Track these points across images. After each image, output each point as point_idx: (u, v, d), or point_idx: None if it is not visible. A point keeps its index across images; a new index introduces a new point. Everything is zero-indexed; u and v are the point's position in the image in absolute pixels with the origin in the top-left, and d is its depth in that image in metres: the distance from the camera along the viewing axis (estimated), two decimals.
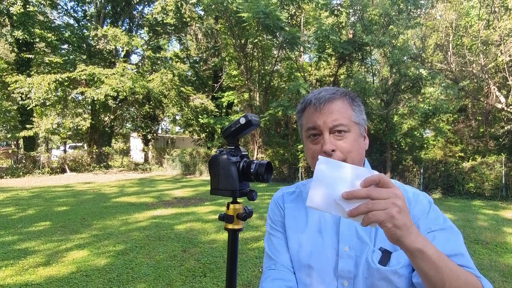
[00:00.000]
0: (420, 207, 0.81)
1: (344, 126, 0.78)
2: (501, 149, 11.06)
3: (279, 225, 0.93)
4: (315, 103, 0.80)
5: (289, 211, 0.93)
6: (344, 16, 12.49)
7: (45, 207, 7.21)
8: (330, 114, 0.78)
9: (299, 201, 0.93)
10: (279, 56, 14.77)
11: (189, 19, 18.09)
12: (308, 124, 0.82)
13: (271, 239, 0.93)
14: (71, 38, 17.26)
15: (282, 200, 0.96)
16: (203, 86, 20.61)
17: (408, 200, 0.82)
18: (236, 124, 0.82)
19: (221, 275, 3.54)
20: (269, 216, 0.98)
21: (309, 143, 0.83)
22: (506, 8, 10.23)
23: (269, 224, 0.96)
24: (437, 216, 0.80)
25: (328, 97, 0.80)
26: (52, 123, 15.17)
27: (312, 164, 0.80)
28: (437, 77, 10.29)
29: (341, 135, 0.79)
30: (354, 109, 0.82)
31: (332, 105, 0.80)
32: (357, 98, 0.85)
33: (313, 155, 0.81)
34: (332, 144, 0.77)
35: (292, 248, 0.88)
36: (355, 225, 0.82)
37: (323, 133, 0.79)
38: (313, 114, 0.81)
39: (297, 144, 13.76)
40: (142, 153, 21.73)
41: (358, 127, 0.82)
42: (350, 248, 0.80)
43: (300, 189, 0.97)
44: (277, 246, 0.90)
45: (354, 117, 0.81)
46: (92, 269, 3.67)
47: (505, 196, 9.31)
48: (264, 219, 6.16)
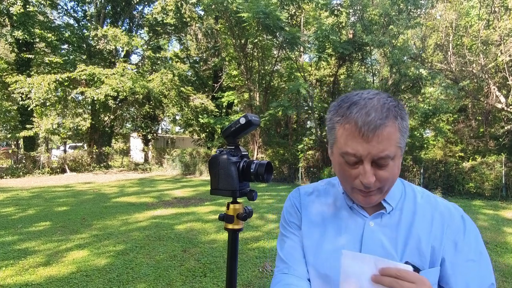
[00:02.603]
0: (454, 225, 0.76)
1: (389, 157, 0.68)
2: (501, 149, 11.06)
3: (294, 228, 0.87)
4: (361, 128, 0.66)
5: (306, 214, 0.86)
6: (344, 16, 12.49)
7: (45, 207, 7.21)
8: (377, 144, 0.66)
9: (318, 204, 0.87)
10: (279, 56, 14.77)
11: (189, 19, 18.09)
12: (346, 148, 0.69)
13: (284, 241, 0.87)
14: (71, 38, 17.26)
15: (299, 201, 0.89)
16: (203, 86, 20.61)
17: (441, 217, 0.76)
18: (236, 124, 0.83)
19: (221, 275, 3.54)
20: (284, 216, 0.91)
21: (343, 164, 0.72)
22: (506, 8, 10.23)
23: (283, 225, 0.90)
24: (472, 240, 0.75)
25: (378, 123, 0.66)
26: (52, 123, 15.17)
27: (343, 183, 0.75)
28: (437, 77, 10.29)
29: (384, 165, 0.69)
30: (403, 131, 0.70)
31: (382, 133, 0.66)
32: (405, 113, 0.72)
33: (345, 177, 0.73)
34: (373, 176, 0.69)
35: (308, 254, 0.82)
36: (380, 235, 0.76)
37: (364, 162, 0.69)
38: (356, 140, 0.68)
39: (297, 144, 13.76)
40: (142, 153, 21.73)
41: (401, 150, 0.71)
42: None
43: (318, 189, 0.90)
44: (290, 250, 0.85)
45: (401, 141, 0.70)
46: (92, 269, 3.67)
47: (505, 196, 9.31)
48: (264, 219, 6.16)
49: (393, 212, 0.78)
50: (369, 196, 0.72)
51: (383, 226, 0.77)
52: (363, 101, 0.69)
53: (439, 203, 0.79)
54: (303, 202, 0.88)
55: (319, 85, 16.24)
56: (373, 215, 0.78)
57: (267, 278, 3.50)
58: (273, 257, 4.10)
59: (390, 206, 0.77)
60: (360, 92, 0.73)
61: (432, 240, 0.74)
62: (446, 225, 0.75)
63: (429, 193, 0.82)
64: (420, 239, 0.74)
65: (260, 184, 9.81)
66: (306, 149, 13.44)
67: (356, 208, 0.79)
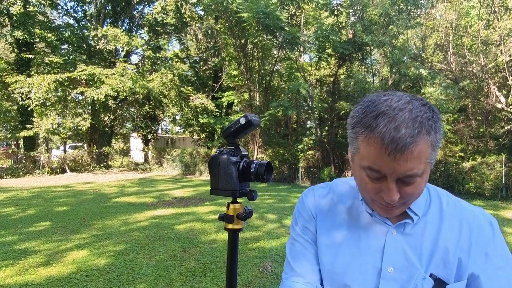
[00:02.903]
0: (483, 235, 0.70)
1: (417, 175, 0.61)
2: (501, 149, 11.06)
3: (306, 233, 0.81)
4: (387, 145, 0.58)
5: (322, 219, 0.80)
6: (344, 16, 12.49)
7: (45, 207, 7.21)
8: (404, 163, 0.59)
9: (334, 207, 0.80)
10: (279, 56, 14.77)
11: (189, 19, 18.09)
12: (368, 163, 0.63)
13: (294, 246, 0.82)
14: (71, 38, 17.26)
15: (314, 205, 0.82)
16: (203, 86, 20.62)
17: (469, 225, 0.71)
18: (236, 124, 0.82)
19: (221, 275, 3.54)
20: (295, 219, 0.85)
21: (365, 176, 0.66)
22: (506, 8, 10.23)
23: (293, 228, 0.84)
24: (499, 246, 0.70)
25: (408, 142, 0.57)
26: (52, 123, 15.17)
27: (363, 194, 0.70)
28: (437, 77, 10.29)
29: (410, 182, 0.62)
30: (435, 145, 0.62)
31: (412, 152, 0.58)
32: (440, 125, 0.63)
33: (365, 189, 0.67)
34: (397, 193, 0.63)
35: (324, 262, 0.77)
36: (403, 244, 0.70)
37: (388, 179, 0.62)
38: (381, 158, 0.60)
39: (297, 144, 13.76)
40: (142, 153, 21.73)
41: (430, 165, 0.64)
42: (395, 270, 0.69)
43: (334, 191, 0.83)
44: (300, 256, 0.80)
45: (432, 157, 0.62)
46: (92, 269, 3.67)
47: (505, 196, 9.31)
48: (264, 219, 6.16)
49: (418, 220, 0.72)
50: (390, 209, 0.67)
51: (407, 234, 0.71)
52: (392, 112, 0.59)
53: (466, 210, 0.73)
54: (318, 205, 0.82)
55: (319, 85, 16.24)
56: (396, 224, 0.72)
57: (267, 278, 3.50)
58: (273, 257, 4.10)
59: (416, 216, 0.71)
60: (389, 97, 0.63)
61: (459, 251, 0.69)
62: (475, 235, 0.70)
63: (454, 198, 0.77)
64: (447, 250, 0.69)
65: (260, 184, 9.82)
66: (306, 149, 13.44)
67: (377, 215, 0.73)
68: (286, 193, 9.89)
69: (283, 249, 4.41)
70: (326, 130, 15.05)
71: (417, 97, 0.64)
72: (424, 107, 0.61)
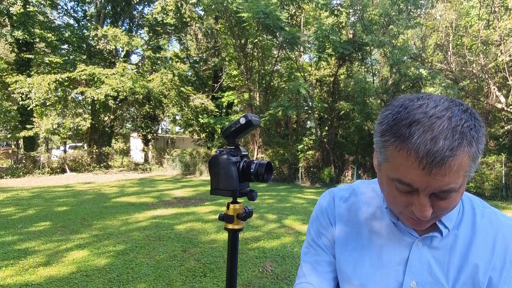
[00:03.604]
0: None
1: (453, 190, 0.55)
2: (501, 149, 11.06)
3: (321, 238, 0.77)
4: (422, 159, 0.51)
5: (342, 223, 0.75)
6: (344, 16, 12.49)
7: (45, 207, 7.21)
8: (441, 178, 0.52)
9: (355, 213, 0.74)
10: (279, 56, 14.77)
11: (189, 19, 18.09)
12: (401, 177, 0.56)
13: (310, 253, 0.78)
14: (71, 38, 17.26)
15: (332, 208, 0.77)
16: (203, 86, 20.62)
17: (506, 242, 0.64)
18: (236, 124, 0.82)
19: (221, 275, 3.54)
20: (312, 223, 0.80)
21: (393, 189, 0.59)
22: (506, 8, 10.24)
23: (310, 233, 0.80)
24: None
25: (447, 155, 0.51)
26: (52, 123, 15.17)
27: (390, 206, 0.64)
28: (437, 77, 10.30)
29: (446, 197, 0.56)
30: (476, 157, 0.55)
31: (451, 166, 0.51)
32: (483, 134, 0.55)
33: (395, 203, 0.60)
34: (431, 208, 0.56)
35: (342, 271, 0.72)
36: (428, 258, 0.65)
37: (420, 194, 0.55)
38: (414, 172, 0.53)
39: (297, 144, 13.76)
40: (142, 153, 21.73)
41: (468, 177, 0.57)
42: (418, 285, 0.65)
43: (356, 194, 0.77)
44: (313, 263, 0.76)
45: (471, 170, 0.56)
46: (92, 269, 3.67)
47: (505, 196, 9.32)
48: (264, 219, 6.16)
49: (447, 233, 0.66)
50: (420, 223, 0.61)
51: (434, 248, 0.66)
52: (429, 120, 0.52)
53: (502, 224, 0.66)
54: (337, 210, 0.76)
55: (319, 85, 16.25)
56: (423, 237, 0.66)
57: (267, 278, 3.50)
58: (273, 257, 4.10)
59: (446, 229, 0.65)
60: (424, 101, 0.55)
61: (490, 270, 0.63)
62: (510, 253, 0.63)
63: (490, 210, 0.69)
64: (477, 268, 0.63)
65: (260, 184, 9.84)
66: (306, 149, 13.44)
67: (402, 225, 0.68)
68: (286, 193, 9.90)
69: (283, 249, 4.41)
70: (326, 130, 15.06)
71: (456, 102, 0.56)
72: (465, 114, 0.54)
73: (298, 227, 5.58)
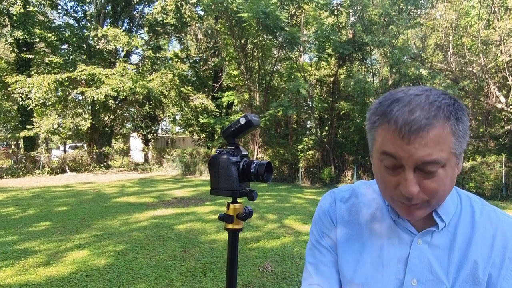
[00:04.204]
0: None
1: (437, 164, 0.56)
2: (501, 149, 11.06)
3: (326, 240, 0.77)
4: (401, 128, 0.55)
5: (343, 225, 0.76)
6: (344, 16, 12.50)
7: (45, 207, 7.21)
8: (421, 148, 0.55)
9: (356, 213, 0.76)
10: (279, 56, 14.77)
11: (189, 19, 18.10)
12: (385, 148, 0.59)
13: (314, 254, 0.78)
14: (71, 38, 17.26)
15: (334, 209, 0.78)
16: (203, 86, 20.62)
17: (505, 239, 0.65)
18: (236, 124, 0.83)
19: (221, 275, 3.54)
20: (315, 224, 0.80)
21: (382, 169, 0.62)
22: (506, 8, 10.24)
23: (313, 234, 0.80)
24: None
25: (424, 123, 0.54)
26: (52, 123, 15.18)
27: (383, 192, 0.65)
28: (437, 77, 10.30)
29: (431, 174, 0.57)
30: (458, 133, 0.57)
31: (428, 135, 0.54)
32: (464, 114, 0.58)
33: (385, 185, 0.62)
34: (416, 184, 0.57)
35: (344, 272, 0.73)
36: (428, 256, 0.66)
37: (405, 168, 0.57)
38: (395, 141, 0.57)
39: (297, 144, 13.76)
40: (142, 153, 21.73)
41: (456, 157, 0.58)
42: (419, 283, 0.65)
43: (357, 195, 0.78)
44: (318, 264, 0.77)
45: (455, 147, 0.57)
46: (92, 269, 3.67)
47: (505, 196, 9.32)
48: (264, 219, 6.16)
49: (446, 229, 0.67)
50: (413, 209, 0.61)
51: (434, 246, 0.66)
52: (408, 97, 0.57)
53: (501, 221, 0.67)
54: (338, 211, 0.77)
55: (319, 85, 16.24)
56: (422, 233, 0.67)
57: (267, 278, 3.50)
58: (273, 257, 4.10)
59: (443, 222, 0.66)
60: (407, 88, 0.61)
61: (490, 267, 0.64)
62: (509, 249, 0.64)
63: (489, 207, 0.70)
64: (477, 265, 0.64)
65: (260, 184, 9.84)
66: (306, 149, 13.44)
67: (401, 223, 0.69)
68: (286, 193, 9.90)
69: (283, 249, 4.41)
70: (326, 130, 15.06)
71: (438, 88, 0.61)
72: (444, 95, 0.58)
73: (298, 227, 5.58)
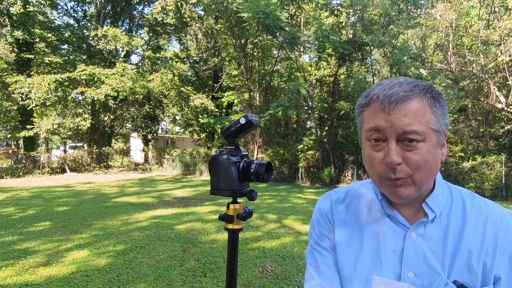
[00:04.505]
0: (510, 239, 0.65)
1: (417, 135, 0.61)
2: (501, 149, 11.06)
3: (325, 241, 0.79)
4: (383, 101, 0.62)
5: (340, 225, 0.78)
6: (344, 16, 12.49)
7: (45, 207, 7.21)
8: (401, 118, 0.61)
9: (352, 212, 0.78)
10: (279, 56, 14.77)
11: (189, 19, 18.10)
12: (370, 124, 0.65)
13: (314, 256, 0.80)
14: (71, 38, 17.26)
15: (331, 211, 0.80)
16: (203, 86, 20.62)
17: (495, 227, 0.66)
18: (236, 124, 0.83)
19: (221, 275, 3.54)
20: (314, 226, 0.83)
21: (368, 148, 0.66)
22: (506, 8, 10.24)
23: (312, 236, 0.82)
24: None
25: (402, 95, 0.62)
26: (53, 123, 15.18)
27: (371, 173, 0.68)
28: (437, 77, 10.30)
29: (412, 145, 0.62)
30: (436, 111, 0.64)
31: (406, 106, 0.61)
32: (441, 97, 0.66)
33: (372, 163, 0.66)
34: (399, 155, 0.62)
35: (344, 270, 0.75)
36: (423, 248, 0.68)
37: (388, 139, 0.63)
38: (378, 114, 0.63)
39: (297, 144, 13.76)
40: (142, 153, 21.73)
41: (436, 135, 0.64)
42: (416, 275, 0.66)
43: (352, 195, 0.81)
44: (322, 266, 0.78)
45: (434, 123, 0.63)
46: (92, 269, 3.67)
47: (505, 196, 9.32)
48: (264, 219, 6.16)
49: (438, 221, 0.69)
50: (399, 187, 0.64)
51: (428, 238, 0.68)
52: (389, 81, 0.66)
53: (492, 211, 0.69)
54: (335, 212, 0.80)
55: (319, 85, 16.24)
56: (415, 225, 0.69)
57: (267, 278, 3.50)
58: (273, 257, 4.10)
59: (433, 213, 0.68)
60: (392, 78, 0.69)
61: (484, 255, 0.65)
62: (500, 237, 0.65)
63: (480, 199, 0.72)
64: (471, 254, 0.65)
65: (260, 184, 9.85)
66: (306, 149, 13.44)
67: (395, 217, 0.71)
68: (286, 193, 9.90)
69: (283, 249, 4.41)
70: (326, 130, 15.05)
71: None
72: (424, 82, 0.65)
73: (298, 227, 5.58)
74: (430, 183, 0.68)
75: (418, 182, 0.64)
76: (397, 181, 0.63)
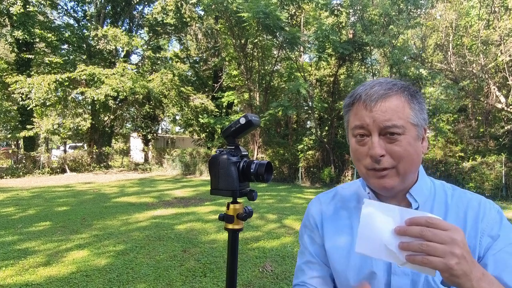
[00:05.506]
0: (490, 219, 0.70)
1: (398, 128, 0.66)
2: (501, 149, 11.06)
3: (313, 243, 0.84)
4: (365, 100, 0.69)
5: (328, 223, 0.83)
6: (344, 16, 12.49)
7: (45, 207, 7.21)
8: (382, 114, 0.67)
9: (341, 209, 0.83)
10: (279, 56, 14.77)
11: (189, 19, 18.10)
12: (355, 122, 0.71)
13: (304, 255, 0.85)
14: (71, 38, 17.26)
15: (319, 211, 0.86)
16: (203, 86, 20.62)
17: (475, 212, 0.71)
18: (236, 124, 0.82)
19: (221, 275, 3.54)
20: (302, 228, 0.88)
21: (354, 143, 0.72)
22: (506, 8, 10.24)
23: (302, 238, 0.88)
24: (508, 232, 0.69)
25: (381, 93, 0.68)
26: (53, 123, 15.18)
27: (358, 166, 0.73)
28: (437, 77, 10.30)
29: (394, 138, 0.67)
30: (413, 107, 0.69)
31: (386, 103, 0.67)
32: (418, 94, 0.72)
33: (358, 157, 0.71)
34: (382, 147, 0.67)
35: (337, 270, 0.78)
36: None
37: (371, 134, 0.68)
38: (361, 112, 0.69)
39: (297, 144, 13.75)
40: (142, 153, 21.73)
41: (415, 129, 0.69)
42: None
43: (340, 193, 0.86)
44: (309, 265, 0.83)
45: (412, 118, 0.69)
46: (92, 269, 3.67)
47: (505, 196, 9.32)
48: (264, 219, 6.16)
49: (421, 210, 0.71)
50: (384, 178, 0.68)
51: None
52: (371, 82, 0.72)
53: (470, 198, 0.74)
54: (323, 212, 0.84)
55: (319, 85, 16.24)
56: None
57: (267, 278, 3.50)
58: (273, 257, 4.10)
59: (416, 203, 0.72)
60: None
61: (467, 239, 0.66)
62: (480, 220, 0.70)
63: (460, 190, 0.77)
64: None
65: (260, 184, 9.85)
66: (306, 149, 13.43)
67: None
68: (286, 193, 9.89)
69: (283, 249, 4.41)
70: (326, 130, 15.05)
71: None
72: (402, 82, 0.72)
73: (298, 227, 5.58)
74: (414, 175, 0.73)
75: (402, 173, 0.68)
76: (382, 171, 0.68)
